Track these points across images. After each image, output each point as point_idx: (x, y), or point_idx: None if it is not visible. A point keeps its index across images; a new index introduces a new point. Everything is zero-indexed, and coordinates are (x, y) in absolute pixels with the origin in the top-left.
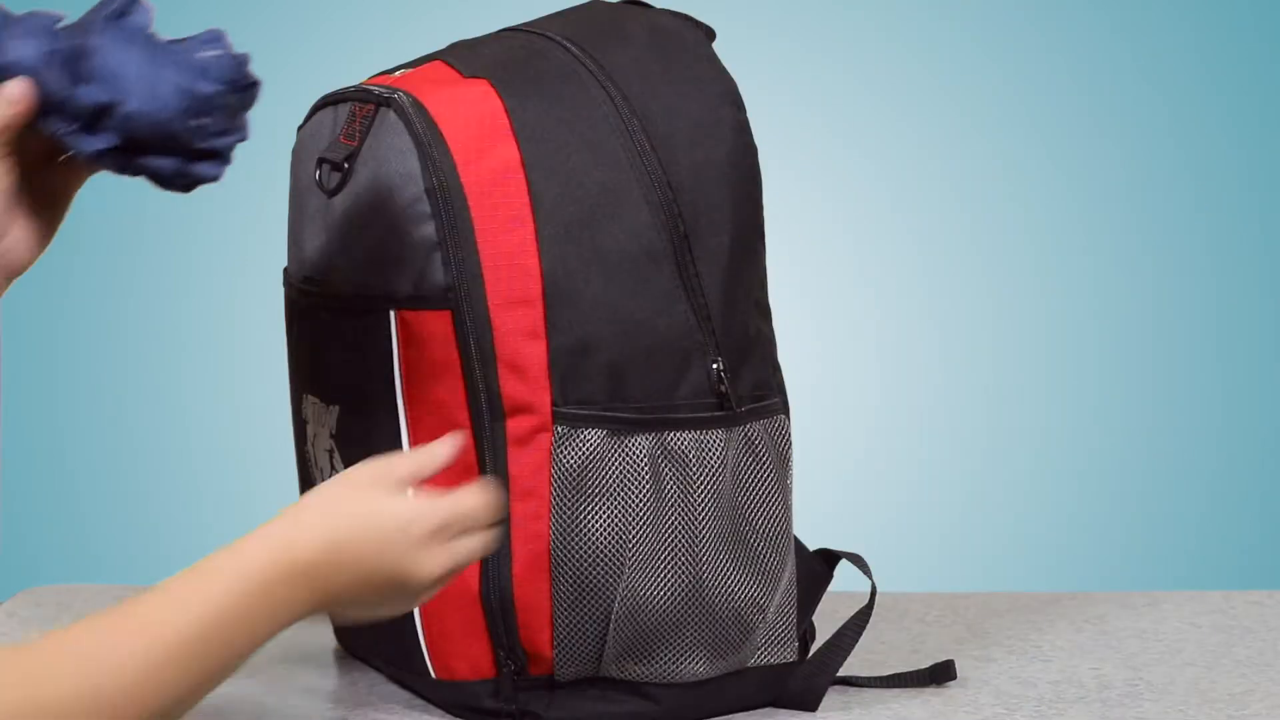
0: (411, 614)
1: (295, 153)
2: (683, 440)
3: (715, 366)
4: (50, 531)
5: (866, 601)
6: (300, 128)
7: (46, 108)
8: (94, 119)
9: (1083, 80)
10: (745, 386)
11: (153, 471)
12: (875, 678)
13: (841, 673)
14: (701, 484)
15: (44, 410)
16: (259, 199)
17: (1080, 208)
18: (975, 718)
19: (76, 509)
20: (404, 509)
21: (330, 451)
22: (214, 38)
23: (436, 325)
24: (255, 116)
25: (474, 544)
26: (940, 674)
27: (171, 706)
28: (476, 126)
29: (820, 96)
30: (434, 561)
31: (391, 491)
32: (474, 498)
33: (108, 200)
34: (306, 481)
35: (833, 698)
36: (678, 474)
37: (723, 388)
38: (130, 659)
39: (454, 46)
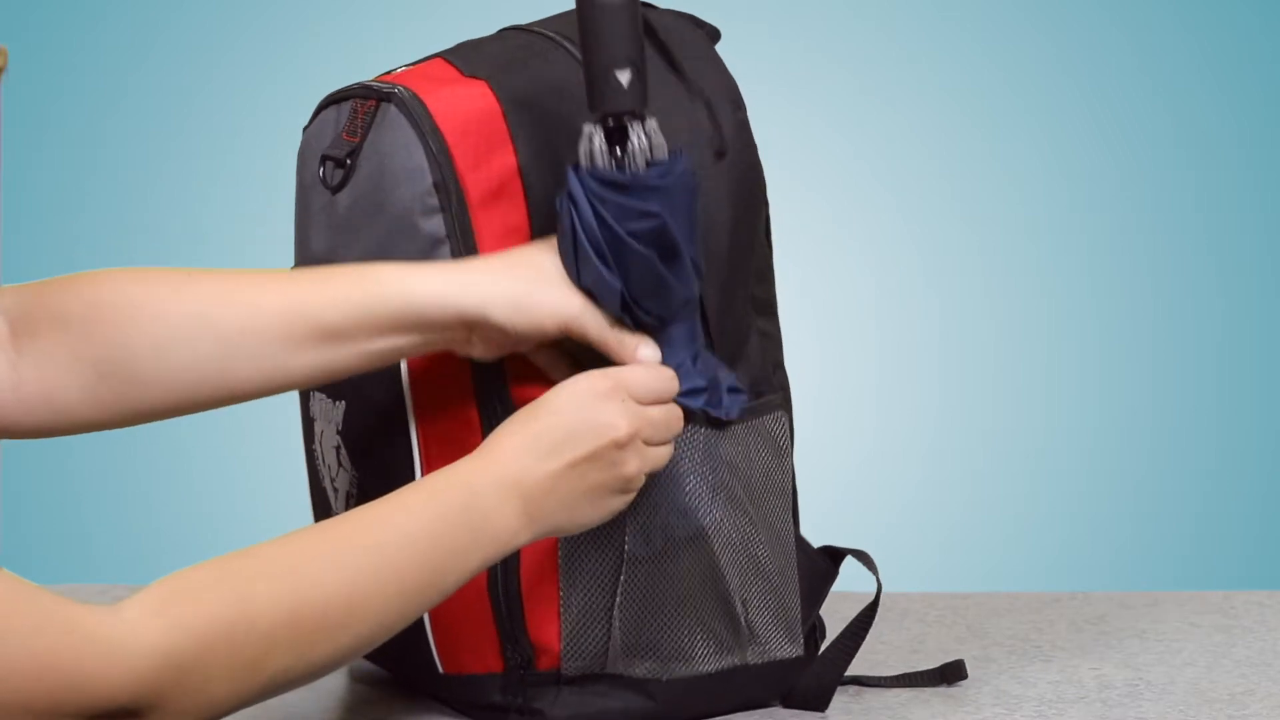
0: None
1: (300, 152)
2: (684, 435)
3: None
4: (50, 531)
5: (872, 599)
6: (305, 128)
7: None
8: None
9: (1083, 80)
10: (742, 382)
11: (153, 471)
12: (886, 677)
13: (850, 672)
14: (702, 480)
15: None
16: (265, 200)
17: (1080, 208)
18: (975, 718)
19: (76, 509)
20: (577, 378)
21: (337, 449)
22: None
23: None
24: (262, 117)
25: (657, 410)
26: (951, 673)
27: (376, 626)
28: (476, 129)
29: (822, 96)
30: (618, 415)
31: (566, 381)
32: (642, 370)
33: (113, 202)
34: (314, 480)
35: (835, 699)
36: (679, 465)
37: None
38: (331, 580)
39: (458, 46)
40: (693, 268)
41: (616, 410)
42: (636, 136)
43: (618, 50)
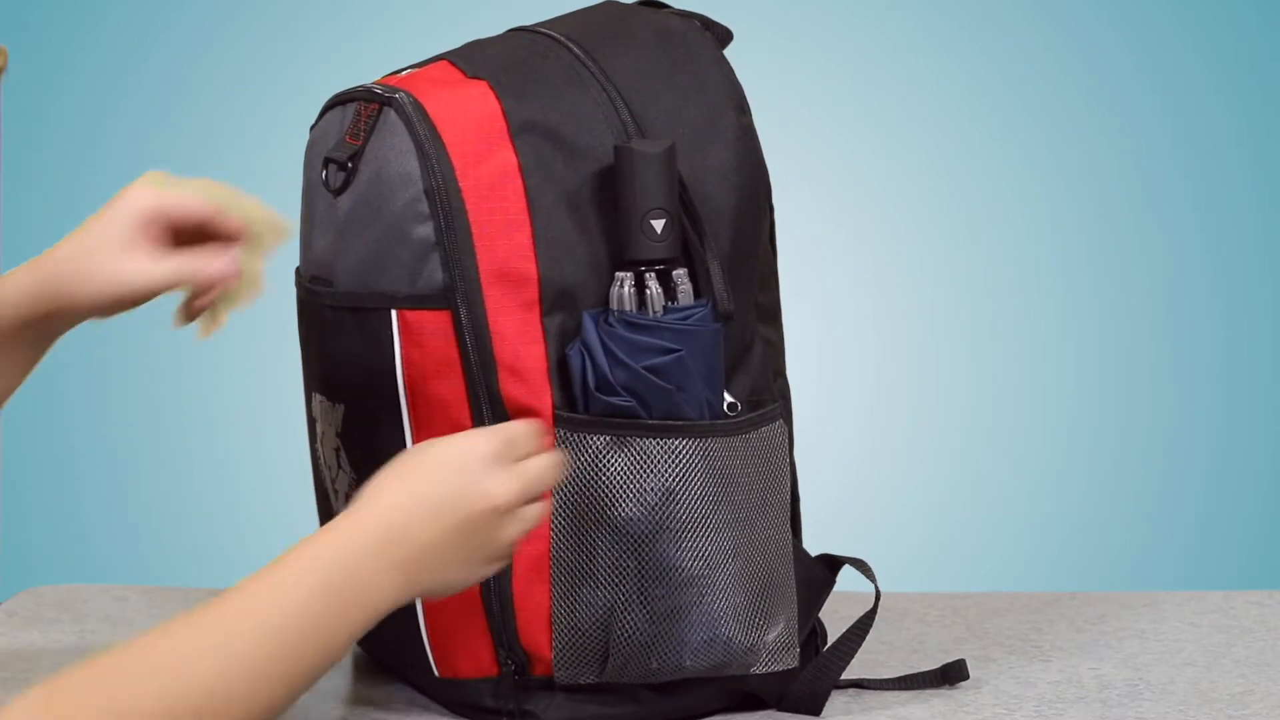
0: (415, 611)
1: (307, 153)
2: (681, 446)
3: None
4: (50, 531)
5: (871, 606)
6: (312, 128)
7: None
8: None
9: (1083, 80)
10: (742, 392)
11: (153, 471)
12: (887, 679)
13: (848, 675)
14: (700, 490)
15: (44, 410)
16: (272, 200)
17: (1080, 208)
18: (975, 718)
19: (76, 509)
20: (460, 439)
21: (337, 450)
22: None
23: (437, 325)
24: (268, 117)
25: (539, 463)
26: (952, 674)
27: (261, 711)
28: (474, 129)
29: (824, 100)
30: (504, 483)
31: (448, 439)
32: (522, 425)
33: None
34: (317, 480)
35: (834, 699)
36: (676, 479)
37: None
38: (208, 672)
39: (464, 47)
40: (707, 407)
41: (502, 477)
42: (660, 284)
43: (654, 199)
